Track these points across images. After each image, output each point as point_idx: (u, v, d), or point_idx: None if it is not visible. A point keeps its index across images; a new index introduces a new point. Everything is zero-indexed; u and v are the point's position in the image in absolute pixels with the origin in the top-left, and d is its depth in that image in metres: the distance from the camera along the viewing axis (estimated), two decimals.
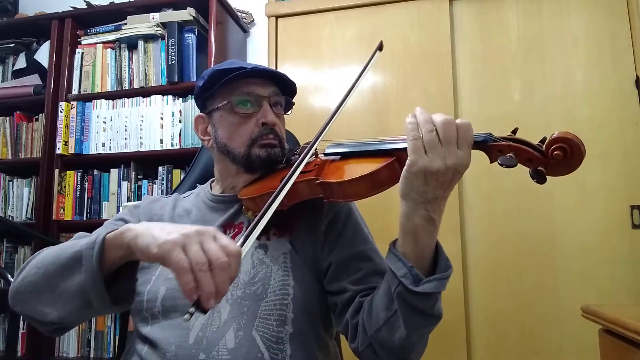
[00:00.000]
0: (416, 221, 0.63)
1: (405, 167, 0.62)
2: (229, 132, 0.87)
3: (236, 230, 0.86)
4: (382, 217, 1.45)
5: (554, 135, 0.60)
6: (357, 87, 0.81)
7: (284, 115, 0.94)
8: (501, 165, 0.61)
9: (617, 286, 1.61)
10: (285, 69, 1.97)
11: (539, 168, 0.62)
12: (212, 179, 0.99)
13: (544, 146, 0.62)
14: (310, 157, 0.80)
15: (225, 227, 0.87)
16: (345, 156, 0.77)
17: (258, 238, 0.81)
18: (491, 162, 0.64)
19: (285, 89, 0.92)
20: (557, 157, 0.59)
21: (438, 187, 0.61)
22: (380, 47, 0.82)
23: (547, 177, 0.62)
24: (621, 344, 0.85)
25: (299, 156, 0.75)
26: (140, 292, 0.81)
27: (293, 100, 0.94)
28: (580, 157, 0.60)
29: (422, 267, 0.64)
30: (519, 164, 0.62)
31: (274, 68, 1.01)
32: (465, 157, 0.61)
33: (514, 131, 0.65)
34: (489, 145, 0.63)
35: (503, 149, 0.63)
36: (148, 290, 0.81)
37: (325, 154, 0.80)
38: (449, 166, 0.59)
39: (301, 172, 0.76)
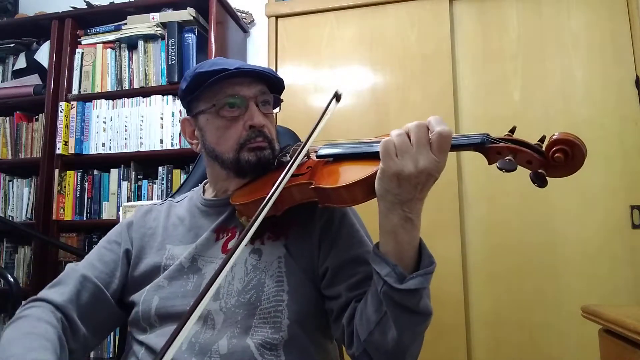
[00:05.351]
0: (394, 220, 0.63)
1: (378, 170, 0.62)
2: (216, 136, 0.84)
3: (230, 234, 0.84)
4: None
5: (554, 136, 0.58)
6: (315, 135, 0.74)
7: (275, 113, 0.90)
8: (500, 169, 0.59)
9: (617, 286, 1.61)
10: (285, 69, 1.97)
11: (539, 171, 0.60)
12: (205, 180, 0.97)
13: (543, 147, 0.60)
14: (302, 158, 0.78)
15: (218, 232, 0.85)
16: (339, 158, 0.75)
17: (252, 242, 0.81)
18: (489, 164, 0.63)
19: (273, 86, 0.88)
20: (558, 159, 0.58)
21: (412, 190, 0.61)
22: (336, 97, 0.76)
23: (547, 179, 0.60)
24: (621, 344, 0.85)
25: (290, 158, 0.72)
26: (136, 304, 0.82)
27: (282, 97, 0.90)
28: (581, 159, 0.58)
29: (405, 266, 0.64)
30: (518, 167, 0.60)
31: (267, 66, 0.97)
32: (439, 162, 0.60)
33: (512, 130, 0.63)
34: (487, 147, 0.62)
35: (501, 151, 0.61)
36: (142, 300, 0.81)
37: (318, 156, 0.77)
38: (420, 170, 0.59)
39: (294, 176, 0.74)
